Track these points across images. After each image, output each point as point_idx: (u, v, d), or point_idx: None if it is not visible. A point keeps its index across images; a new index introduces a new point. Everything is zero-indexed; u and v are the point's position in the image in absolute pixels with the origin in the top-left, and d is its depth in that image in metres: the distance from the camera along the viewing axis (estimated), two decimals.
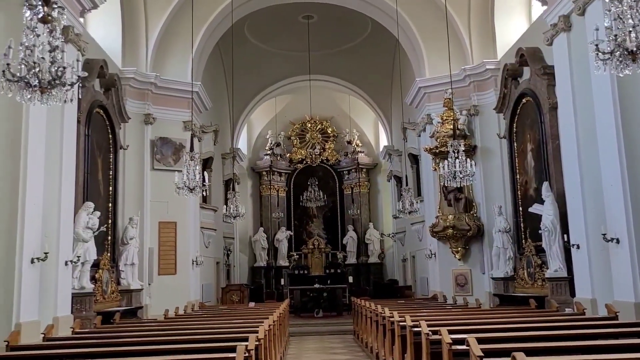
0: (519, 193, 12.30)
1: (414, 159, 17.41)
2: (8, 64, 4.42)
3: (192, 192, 9.58)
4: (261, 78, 20.46)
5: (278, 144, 23.27)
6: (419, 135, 15.74)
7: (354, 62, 19.91)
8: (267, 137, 23.21)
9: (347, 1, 15.06)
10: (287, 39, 18.87)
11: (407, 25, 14.45)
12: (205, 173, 9.98)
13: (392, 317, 8.02)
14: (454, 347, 5.31)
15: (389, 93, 20.22)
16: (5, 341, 6.14)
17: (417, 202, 14.46)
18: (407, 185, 14.38)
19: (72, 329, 7.67)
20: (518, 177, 12.37)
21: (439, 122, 14.01)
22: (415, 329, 6.71)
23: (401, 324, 7.50)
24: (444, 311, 10.00)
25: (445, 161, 9.90)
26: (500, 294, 12.51)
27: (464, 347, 4.99)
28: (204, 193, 10.14)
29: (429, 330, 6.11)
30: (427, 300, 14.31)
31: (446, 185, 11.90)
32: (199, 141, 15.10)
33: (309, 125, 23.65)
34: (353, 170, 23.23)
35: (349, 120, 23.08)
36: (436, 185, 14.31)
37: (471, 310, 10.12)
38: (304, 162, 23.37)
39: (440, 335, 5.54)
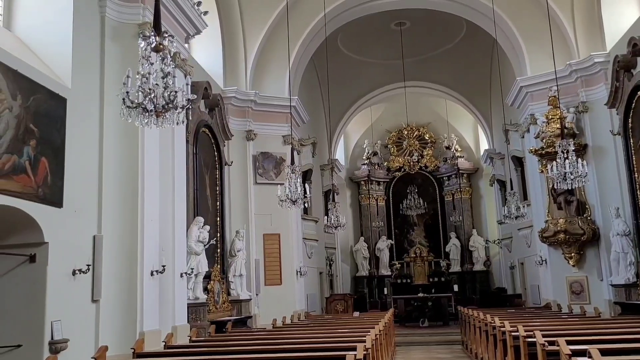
0: (638, 193, 11.43)
1: (518, 162, 16.70)
2: (127, 92, 4.76)
3: (294, 204, 9.82)
4: (356, 88, 20.60)
5: (375, 153, 23.24)
6: (523, 137, 15.12)
7: (450, 65, 19.53)
8: (364, 146, 23.25)
9: (440, 4, 14.79)
10: (380, 48, 18.90)
11: (505, 23, 13.95)
12: (306, 185, 10.19)
13: (503, 326, 7.73)
14: (573, 358, 5.02)
15: (488, 95, 19.58)
16: (131, 349, 6.61)
17: (523, 207, 13.81)
18: (512, 189, 13.79)
19: (189, 337, 8.11)
20: (636, 175, 11.49)
21: (544, 122, 13.39)
22: (530, 340, 6.43)
23: (513, 334, 7.21)
24: (559, 321, 9.50)
25: (554, 162, 9.40)
26: (621, 302, 11.66)
27: (584, 359, 4.71)
28: (305, 205, 10.37)
29: (545, 341, 5.82)
30: (539, 309, 13.63)
31: (555, 187, 11.32)
32: (298, 154, 15.48)
33: (406, 132, 23.45)
34: (453, 176, 22.70)
35: (447, 125, 22.61)
36: (544, 188, 13.63)
37: (590, 320, 9.52)
38: (402, 169, 23.16)
39: (558, 345, 5.25)
